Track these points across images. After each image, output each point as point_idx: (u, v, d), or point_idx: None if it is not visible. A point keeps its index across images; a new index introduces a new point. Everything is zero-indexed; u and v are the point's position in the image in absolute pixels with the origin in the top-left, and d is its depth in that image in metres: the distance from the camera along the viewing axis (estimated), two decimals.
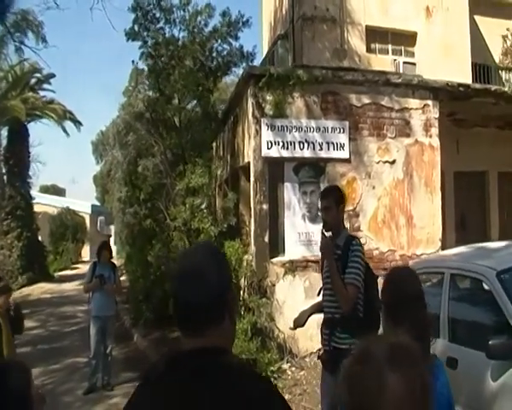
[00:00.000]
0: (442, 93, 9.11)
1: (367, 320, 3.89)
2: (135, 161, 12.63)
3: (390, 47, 13.39)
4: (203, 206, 9.03)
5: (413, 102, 8.99)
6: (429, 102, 9.05)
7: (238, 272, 7.51)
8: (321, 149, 8.44)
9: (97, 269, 7.62)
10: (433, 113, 9.04)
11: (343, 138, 8.55)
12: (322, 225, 4.08)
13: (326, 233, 4.00)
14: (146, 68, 10.44)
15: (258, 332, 6.85)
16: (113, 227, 33.98)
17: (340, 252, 3.91)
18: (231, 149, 10.21)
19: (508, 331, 3.73)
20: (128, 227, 18.32)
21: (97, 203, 46.09)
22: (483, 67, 14.13)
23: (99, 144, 37.15)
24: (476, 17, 13.90)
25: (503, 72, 14.61)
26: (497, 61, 14.47)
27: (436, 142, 8.97)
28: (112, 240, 28.11)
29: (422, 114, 9.01)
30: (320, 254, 4.14)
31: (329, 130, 8.52)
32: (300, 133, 8.39)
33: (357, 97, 8.78)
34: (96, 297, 7.53)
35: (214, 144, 11.52)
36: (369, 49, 12.94)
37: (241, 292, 7.65)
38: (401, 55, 13.25)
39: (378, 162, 8.72)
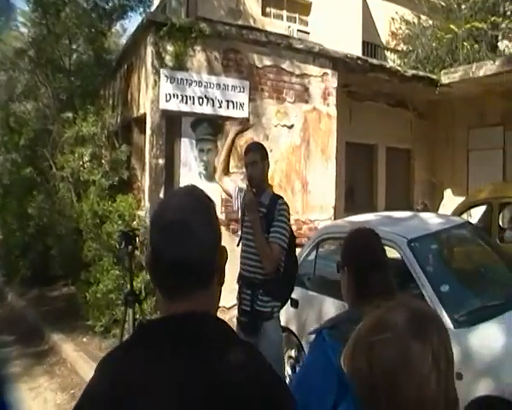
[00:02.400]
0: (341, 64, 9.27)
1: (285, 282, 3.81)
2: (6, 103, 11.48)
3: (285, 13, 13.39)
4: (86, 158, 8.44)
5: (313, 70, 9.04)
6: (328, 71, 9.15)
7: (131, 227, 7.12)
8: (220, 106, 8.21)
9: None
10: (332, 82, 9.16)
11: (243, 98, 8.38)
12: (247, 180, 3.87)
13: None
14: (31, 1, 9.36)
15: (152, 292, 6.55)
16: None
17: (265, 210, 3.73)
18: (124, 98, 9.57)
19: (419, 297, 3.83)
20: None
21: None
22: (371, 46, 14.70)
23: None
24: None
25: (389, 52, 15.31)
26: (383, 41, 15.10)
27: (333, 111, 9.13)
28: None
29: (321, 82, 9.10)
30: (239, 209, 3.99)
31: (230, 88, 8.30)
32: (200, 88, 8.08)
33: (258, 58, 8.63)
34: None
35: (103, 92, 10.79)
36: (264, 13, 12.84)
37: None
38: (295, 22, 13.33)
39: (276, 126, 8.69)
